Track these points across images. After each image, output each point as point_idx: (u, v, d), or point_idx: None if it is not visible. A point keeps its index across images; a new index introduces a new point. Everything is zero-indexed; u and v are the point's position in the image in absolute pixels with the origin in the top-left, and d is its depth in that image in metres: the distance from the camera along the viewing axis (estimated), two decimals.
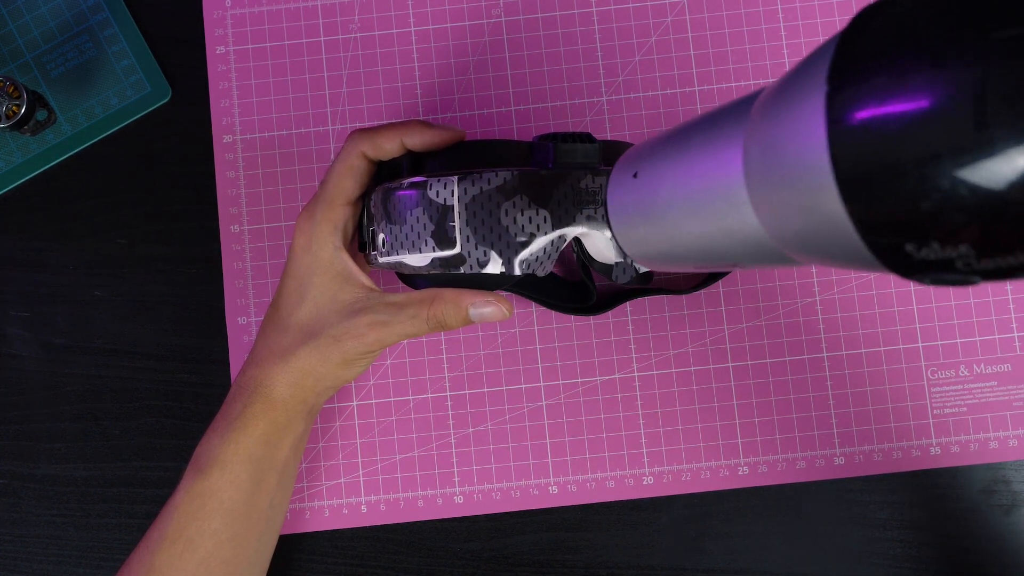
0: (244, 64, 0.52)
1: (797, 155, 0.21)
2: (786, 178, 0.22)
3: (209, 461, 0.41)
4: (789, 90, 0.22)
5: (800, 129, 0.21)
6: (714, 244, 0.27)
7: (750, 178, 0.24)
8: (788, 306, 0.50)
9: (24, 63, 0.52)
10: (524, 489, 0.49)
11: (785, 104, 0.22)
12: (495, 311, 0.39)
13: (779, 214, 0.23)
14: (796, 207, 0.22)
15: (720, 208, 0.26)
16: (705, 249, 0.28)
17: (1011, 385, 0.49)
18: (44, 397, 0.51)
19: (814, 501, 0.49)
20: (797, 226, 0.22)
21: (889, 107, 0.17)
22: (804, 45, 0.51)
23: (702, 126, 0.27)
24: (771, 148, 0.22)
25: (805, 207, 0.21)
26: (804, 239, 0.22)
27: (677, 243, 0.29)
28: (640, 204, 0.31)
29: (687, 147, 0.28)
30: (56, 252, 0.51)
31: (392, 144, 0.39)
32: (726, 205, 0.26)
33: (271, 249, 0.51)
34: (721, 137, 0.26)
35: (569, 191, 0.38)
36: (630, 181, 0.31)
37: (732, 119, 0.26)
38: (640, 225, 0.31)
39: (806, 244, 0.22)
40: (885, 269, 0.20)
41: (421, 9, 0.52)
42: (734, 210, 0.25)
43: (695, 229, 0.28)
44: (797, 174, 0.21)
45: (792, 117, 0.21)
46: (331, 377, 0.41)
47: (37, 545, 0.50)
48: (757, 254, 0.26)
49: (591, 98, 0.51)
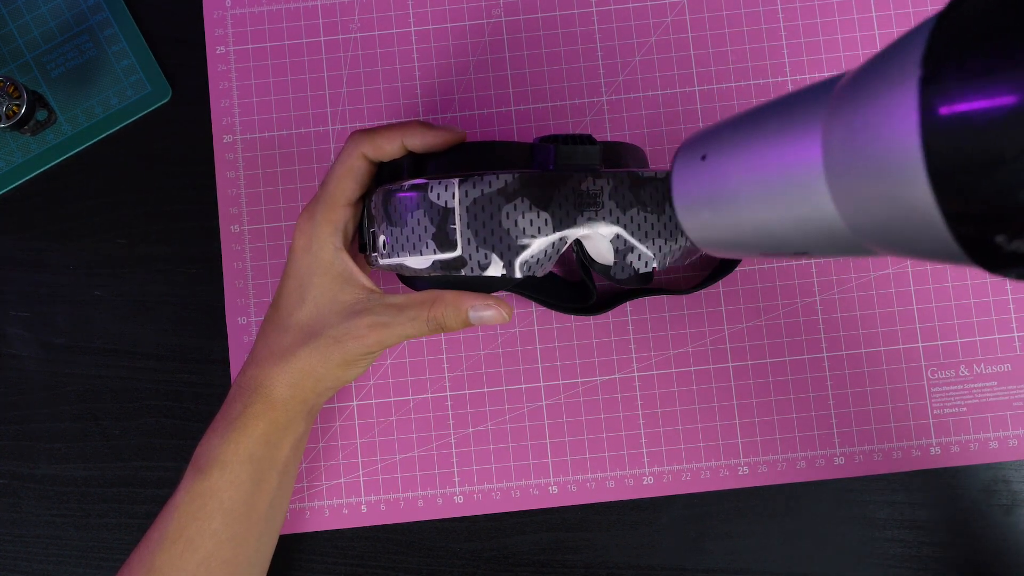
0: (244, 64, 0.52)
1: (885, 144, 0.20)
2: (871, 167, 0.21)
3: (209, 461, 0.41)
4: (877, 75, 0.21)
5: (889, 116, 0.20)
6: (785, 232, 0.27)
7: (830, 166, 0.23)
8: (788, 306, 0.50)
9: (24, 63, 0.51)
10: (524, 489, 0.49)
11: (873, 90, 0.21)
12: (495, 314, 0.39)
13: (860, 204, 0.22)
14: (880, 197, 0.21)
15: (795, 195, 0.25)
16: (775, 237, 0.27)
17: (1011, 385, 0.49)
18: (44, 397, 0.51)
19: (814, 501, 0.49)
20: (879, 217, 0.21)
21: (989, 96, 0.17)
22: (804, 45, 0.51)
23: (777, 109, 0.27)
24: (855, 135, 0.21)
25: (890, 198, 0.20)
26: (886, 230, 0.22)
27: (745, 229, 0.29)
28: (708, 188, 0.30)
29: (761, 131, 0.27)
30: (56, 252, 0.51)
31: (392, 145, 0.39)
32: (802, 192, 0.25)
33: (271, 249, 0.51)
34: (799, 122, 0.25)
35: (570, 193, 0.38)
36: (698, 163, 0.30)
37: (810, 103, 0.25)
38: (706, 209, 0.30)
39: (887, 235, 0.22)
40: (971, 262, 0.20)
41: (421, 9, 0.52)
42: (810, 198, 0.25)
43: (766, 216, 0.27)
44: (883, 164, 0.20)
45: (881, 103, 0.20)
46: (331, 378, 0.41)
47: (37, 545, 0.50)
48: (831, 243, 0.25)
49: (591, 98, 0.51)
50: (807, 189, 0.24)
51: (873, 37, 0.51)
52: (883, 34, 0.51)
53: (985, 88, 0.17)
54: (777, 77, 0.51)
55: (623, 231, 0.40)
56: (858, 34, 0.51)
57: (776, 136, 0.26)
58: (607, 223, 0.39)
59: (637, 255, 0.41)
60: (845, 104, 0.22)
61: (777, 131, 0.26)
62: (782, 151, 0.25)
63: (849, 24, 0.51)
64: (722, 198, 0.29)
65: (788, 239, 0.27)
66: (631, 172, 0.40)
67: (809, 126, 0.24)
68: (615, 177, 0.39)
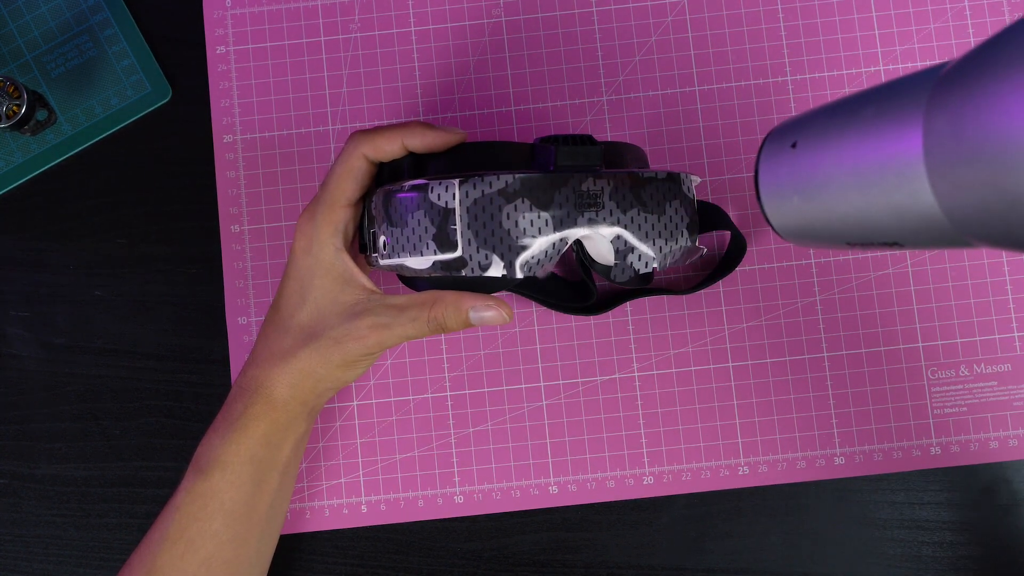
0: (244, 64, 0.52)
1: (999, 132, 0.20)
2: (981, 157, 0.21)
3: (210, 462, 0.41)
4: (985, 63, 0.21)
5: (1004, 102, 0.20)
6: (880, 221, 0.26)
7: (931, 154, 0.23)
8: (788, 306, 0.50)
9: (24, 63, 0.51)
10: (524, 489, 0.49)
11: (989, 79, 0.21)
12: (496, 315, 0.39)
13: (963, 193, 0.22)
14: (986, 186, 0.21)
15: (892, 184, 0.25)
16: (868, 225, 0.27)
17: (1011, 385, 0.49)
18: (44, 397, 0.51)
19: (814, 501, 0.49)
20: (983, 207, 0.21)
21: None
22: (804, 45, 0.51)
23: (874, 98, 0.26)
24: (965, 124, 0.21)
25: (998, 187, 0.20)
26: (988, 221, 0.21)
27: (838, 218, 0.28)
28: (799, 175, 0.29)
29: (856, 118, 0.27)
30: (56, 252, 0.51)
31: (393, 146, 0.39)
32: (900, 181, 0.25)
33: (271, 249, 0.51)
34: (898, 110, 0.25)
35: (571, 194, 0.38)
36: (787, 152, 0.30)
37: (909, 92, 0.25)
38: (796, 197, 0.30)
39: (989, 226, 0.22)
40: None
41: (421, 9, 0.52)
42: (909, 187, 0.24)
43: (860, 204, 0.27)
44: (996, 153, 0.20)
45: (999, 92, 0.20)
46: (331, 378, 0.41)
47: (37, 545, 0.50)
48: (926, 234, 0.25)
49: (591, 98, 0.51)
50: (906, 178, 0.24)
51: (873, 37, 0.51)
52: (883, 34, 0.51)
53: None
54: (777, 77, 0.51)
55: (624, 231, 0.40)
56: (858, 34, 0.51)
57: (874, 124, 0.26)
58: (608, 223, 0.39)
59: (637, 255, 0.41)
60: (953, 92, 0.22)
61: (875, 118, 0.26)
62: (880, 139, 0.25)
63: (849, 24, 0.51)
64: (814, 185, 0.29)
65: (882, 228, 0.27)
66: (632, 172, 0.40)
67: (910, 115, 0.24)
68: (616, 177, 0.39)
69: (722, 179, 0.51)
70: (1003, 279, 0.50)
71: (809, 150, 0.29)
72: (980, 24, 0.51)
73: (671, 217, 0.41)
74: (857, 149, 0.26)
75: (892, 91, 0.26)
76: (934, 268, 0.50)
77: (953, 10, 0.51)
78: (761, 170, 0.32)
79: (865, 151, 0.26)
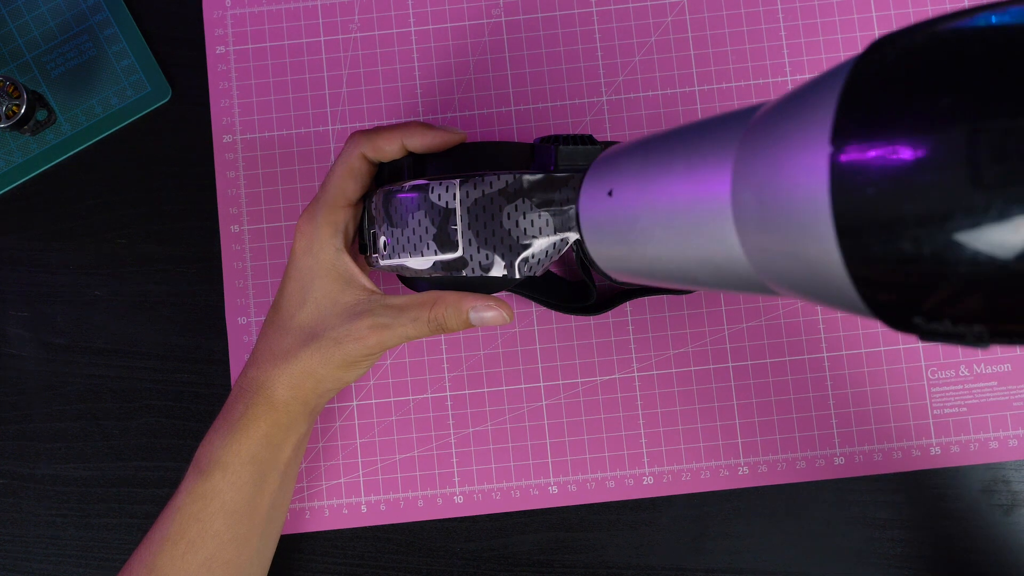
0: (244, 64, 0.52)
1: (797, 207, 0.19)
2: (783, 227, 0.20)
3: (211, 462, 0.41)
4: (788, 136, 0.20)
5: (801, 181, 0.19)
6: (695, 273, 0.26)
7: (740, 219, 0.22)
8: (788, 306, 0.50)
9: (24, 63, 0.51)
10: (524, 489, 0.49)
11: (783, 151, 0.20)
12: (496, 315, 0.39)
13: (772, 258, 0.21)
14: (788, 251, 0.20)
15: (705, 242, 0.24)
16: (685, 276, 0.27)
17: (1011, 385, 0.49)
18: (44, 397, 0.50)
19: (814, 501, 0.49)
20: (790, 272, 0.21)
21: (889, 166, 0.16)
22: (804, 45, 0.51)
23: (683, 150, 0.26)
24: (767, 196, 0.21)
25: (798, 254, 0.20)
26: (797, 284, 0.21)
27: (655, 268, 0.28)
28: (616, 224, 0.29)
29: (668, 171, 0.26)
30: (56, 252, 0.51)
31: (393, 146, 0.39)
32: (712, 241, 0.24)
33: (271, 249, 0.51)
34: (706, 167, 0.24)
35: (571, 194, 0.38)
36: (605, 199, 0.30)
37: (717, 148, 0.24)
38: (615, 245, 0.29)
39: (798, 287, 0.21)
40: (876, 319, 0.19)
41: (421, 9, 0.52)
42: (720, 245, 0.24)
43: (676, 258, 0.26)
44: (791, 217, 0.20)
45: (792, 167, 0.19)
46: (332, 379, 0.41)
47: (37, 545, 0.50)
48: (740, 285, 0.25)
49: (591, 98, 0.51)
50: (717, 238, 0.24)
51: (873, 37, 0.51)
52: (883, 34, 0.51)
53: (883, 158, 0.17)
54: (777, 77, 0.51)
55: None
56: (858, 34, 0.51)
57: (684, 179, 0.25)
58: None
59: None
60: (756, 159, 0.21)
61: (685, 174, 0.25)
62: (691, 196, 0.25)
63: (849, 24, 0.51)
64: (632, 237, 0.28)
65: (698, 279, 0.26)
66: None
67: (717, 172, 0.23)
68: None
69: None
70: None
71: (624, 201, 0.28)
72: None
73: None
74: (670, 206, 0.26)
75: (700, 143, 0.25)
76: None
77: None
78: (580, 213, 0.31)
79: (678, 208, 0.25)
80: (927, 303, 0.17)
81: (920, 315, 0.17)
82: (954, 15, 0.18)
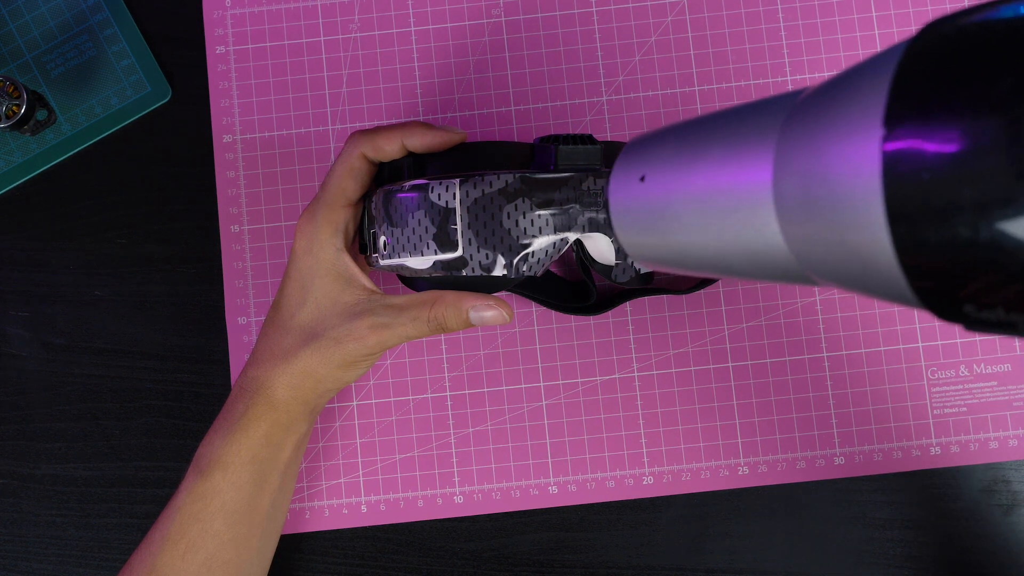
0: (244, 64, 0.52)
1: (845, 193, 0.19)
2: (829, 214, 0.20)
3: (211, 462, 0.41)
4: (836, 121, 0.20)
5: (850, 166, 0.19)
6: (732, 262, 0.25)
7: (783, 207, 0.22)
8: (788, 306, 0.50)
9: (24, 63, 0.51)
10: (524, 489, 0.49)
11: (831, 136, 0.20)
12: (496, 315, 0.39)
13: (815, 247, 0.21)
14: (838, 243, 0.20)
15: (743, 230, 0.24)
16: (720, 265, 0.26)
17: (1011, 385, 0.49)
18: (44, 397, 0.50)
19: (814, 501, 0.49)
20: (835, 261, 0.20)
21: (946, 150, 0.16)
22: (804, 45, 0.51)
23: (721, 134, 0.25)
24: (812, 182, 0.20)
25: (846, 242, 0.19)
26: (841, 274, 0.21)
27: (689, 255, 0.27)
28: (648, 211, 0.28)
29: (704, 156, 0.25)
30: (56, 252, 0.51)
31: (393, 146, 0.39)
32: (750, 229, 0.23)
33: (271, 249, 0.51)
34: (746, 152, 0.23)
35: (571, 193, 0.38)
36: (637, 185, 0.29)
37: (757, 132, 0.23)
38: (647, 233, 0.29)
39: (842, 277, 0.21)
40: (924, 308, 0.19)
41: (421, 9, 0.52)
42: (759, 233, 0.23)
43: (712, 245, 0.25)
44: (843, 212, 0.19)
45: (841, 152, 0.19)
46: (332, 379, 0.41)
47: (37, 545, 0.50)
48: (779, 275, 0.24)
49: (591, 98, 0.51)
50: (757, 225, 0.23)
51: (873, 37, 0.51)
52: (883, 34, 0.51)
53: (944, 128, 0.16)
54: (777, 77, 0.51)
55: None
56: (858, 34, 0.51)
57: (722, 164, 0.24)
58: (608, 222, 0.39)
59: None
60: (801, 146, 0.21)
61: (723, 159, 0.24)
62: (729, 183, 0.24)
63: (849, 24, 0.51)
64: (665, 224, 0.27)
65: (734, 268, 0.26)
66: None
67: (758, 157, 0.23)
68: None
69: None
70: None
71: (657, 186, 0.28)
72: None
73: None
74: (707, 192, 0.25)
75: (740, 127, 0.24)
76: None
77: (953, 11, 0.51)
78: (610, 201, 0.30)
79: (715, 194, 0.25)
80: (980, 291, 0.16)
81: (972, 303, 0.17)
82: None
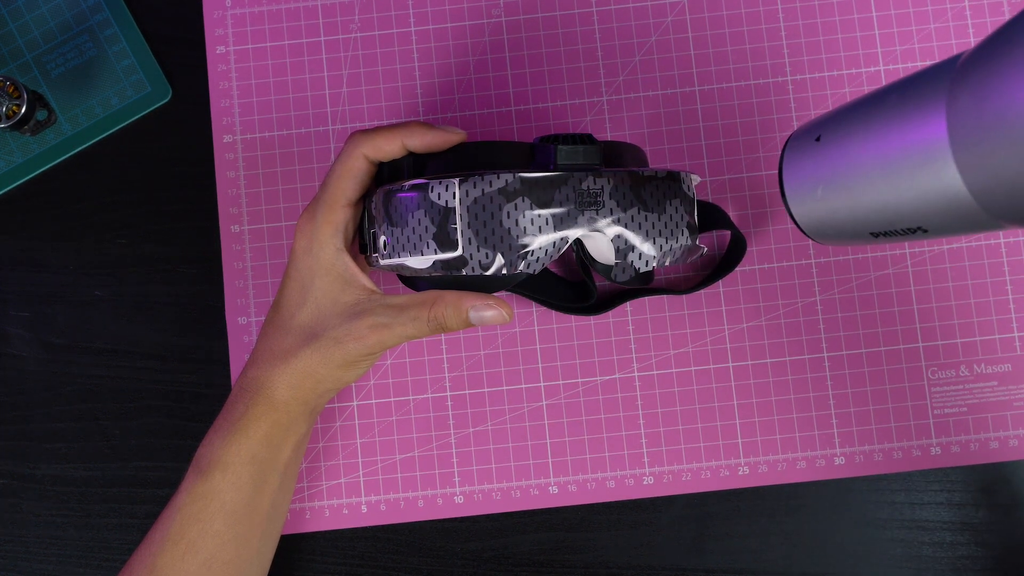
0: (244, 64, 0.52)
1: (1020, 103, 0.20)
2: (1003, 129, 0.21)
3: (211, 462, 0.41)
4: (1010, 39, 0.21)
5: None
6: (906, 205, 0.27)
7: (956, 132, 0.23)
8: (788, 306, 0.50)
9: (24, 63, 0.51)
10: (524, 489, 0.49)
11: (1006, 52, 0.21)
12: (496, 315, 0.39)
13: (989, 171, 0.22)
14: (1011, 160, 0.21)
15: (918, 166, 0.25)
16: (895, 211, 0.28)
17: (1011, 385, 0.49)
18: (44, 397, 0.50)
19: (814, 501, 0.49)
20: (1009, 183, 0.21)
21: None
22: (804, 45, 0.51)
23: (895, 88, 0.27)
24: (987, 97, 0.21)
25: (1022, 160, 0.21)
26: (1015, 197, 0.22)
27: (864, 206, 0.29)
28: (824, 167, 0.30)
29: (880, 108, 0.27)
30: (56, 252, 0.51)
31: (392, 146, 0.39)
32: (925, 162, 0.25)
33: (271, 249, 0.51)
34: (920, 94, 0.25)
35: (571, 193, 0.38)
36: (812, 146, 0.31)
37: (930, 80, 0.25)
38: (821, 189, 0.30)
39: (1016, 202, 0.22)
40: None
41: (421, 9, 0.52)
42: (934, 167, 0.25)
43: (887, 190, 0.27)
44: (1018, 123, 0.20)
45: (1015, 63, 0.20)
46: (332, 379, 0.41)
47: (37, 545, 0.50)
48: (953, 217, 0.25)
49: (591, 98, 0.51)
50: (932, 159, 0.25)
51: (873, 37, 0.51)
52: (883, 34, 0.51)
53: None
54: (777, 77, 0.51)
55: (624, 230, 0.40)
56: (858, 34, 0.51)
57: (897, 109, 0.26)
58: (608, 222, 0.39)
59: (638, 254, 0.41)
60: (976, 70, 0.22)
61: (897, 105, 0.26)
62: (904, 122, 0.26)
63: (849, 24, 0.51)
64: (839, 175, 0.29)
65: (908, 213, 0.27)
66: (632, 171, 0.40)
67: (933, 97, 0.25)
68: (616, 176, 0.39)
69: (722, 179, 0.51)
70: (1003, 279, 0.50)
71: (834, 142, 0.29)
72: (980, 24, 0.51)
73: (671, 216, 0.41)
74: (881, 136, 0.27)
75: (913, 79, 0.26)
76: (934, 268, 0.50)
77: (953, 10, 0.51)
78: (785, 166, 0.32)
79: (890, 137, 0.26)
80: None
81: None
82: None
